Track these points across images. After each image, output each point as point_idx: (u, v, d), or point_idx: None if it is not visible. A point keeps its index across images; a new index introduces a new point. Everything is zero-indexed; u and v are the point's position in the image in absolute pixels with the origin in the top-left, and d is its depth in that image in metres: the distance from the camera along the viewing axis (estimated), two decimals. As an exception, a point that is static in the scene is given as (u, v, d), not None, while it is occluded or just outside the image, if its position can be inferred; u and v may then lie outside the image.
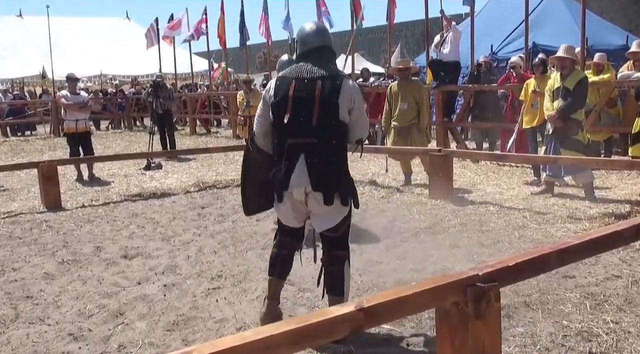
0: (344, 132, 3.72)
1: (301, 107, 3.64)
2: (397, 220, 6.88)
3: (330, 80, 3.65)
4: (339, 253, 3.91)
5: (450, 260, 5.36)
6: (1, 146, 17.59)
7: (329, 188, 3.68)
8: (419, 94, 8.85)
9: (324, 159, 3.66)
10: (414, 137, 8.78)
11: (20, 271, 5.50)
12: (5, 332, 4.15)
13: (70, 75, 11.23)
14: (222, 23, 20.80)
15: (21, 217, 7.80)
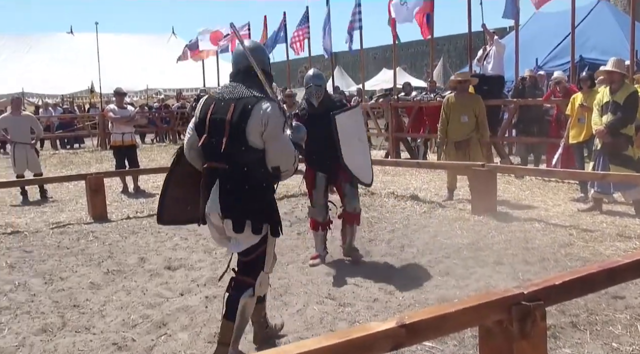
0: (258, 159, 3.49)
1: (215, 130, 3.50)
2: (439, 236, 6.81)
3: (243, 102, 3.46)
4: (244, 279, 3.68)
5: (494, 277, 5.27)
6: (51, 158, 18.10)
7: (238, 216, 3.52)
8: (478, 108, 8.70)
9: (235, 185, 3.51)
10: (471, 150, 8.67)
11: (68, 280, 5.64)
12: (53, 340, 4.25)
13: (117, 89, 11.53)
14: (265, 38, 21.06)
15: (69, 227, 8.00)
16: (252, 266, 3.67)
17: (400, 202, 8.86)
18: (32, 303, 5.05)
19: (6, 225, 8.16)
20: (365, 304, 4.77)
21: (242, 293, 3.62)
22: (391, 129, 14.56)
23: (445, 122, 8.87)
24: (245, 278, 3.67)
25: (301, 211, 8.11)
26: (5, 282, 5.64)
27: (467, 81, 9.07)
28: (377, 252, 6.20)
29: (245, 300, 3.62)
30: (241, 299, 3.61)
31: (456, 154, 8.74)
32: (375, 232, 7.08)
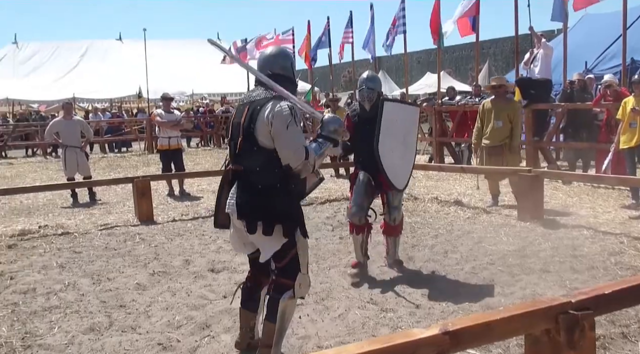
0: (270, 159, 3.49)
1: (234, 134, 3.63)
2: (483, 242, 6.71)
3: (255, 105, 3.52)
4: (283, 281, 3.66)
5: (541, 285, 5.16)
6: (100, 161, 18.53)
7: (250, 216, 3.53)
8: (513, 113, 8.58)
9: (249, 186, 3.54)
10: (505, 156, 8.54)
11: (115, 281, 5.76)
12: (100, 339, 4.35)
13: (165, 94, 11.76)
14: (308, 42, 21.17)
15: (116, 229, 8.18)
16: (288, 269, 3.64)
17: (443, 207, 8.77)
18: (81, 302, 5.17)
19: (57, 226, 8.38)
20: (408, 310, 4.74)
21: (282, 295, 3.62)
22: (435, 133, 14.45)
23: (481, 128, 8.78)
24: (284, 280, 3.64)
25: (343, 215, 8.10)
26: (56, 281, 5.79)
27: (502, 86, 8.92)
28: (420, 258, 6.14)
29: (285, 302, 3.61)
30: (281, 301, 3.60)
31: (489, 160, 8.63)
32: (418, 237, 7.02)
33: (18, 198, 10.83)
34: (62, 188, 10.70)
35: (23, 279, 5.90)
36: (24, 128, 24.45)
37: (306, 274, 3.74)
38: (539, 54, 12.06)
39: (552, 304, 2.52)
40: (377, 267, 5.87)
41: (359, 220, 5.62)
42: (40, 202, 10.70)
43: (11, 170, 17.01)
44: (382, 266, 5.93)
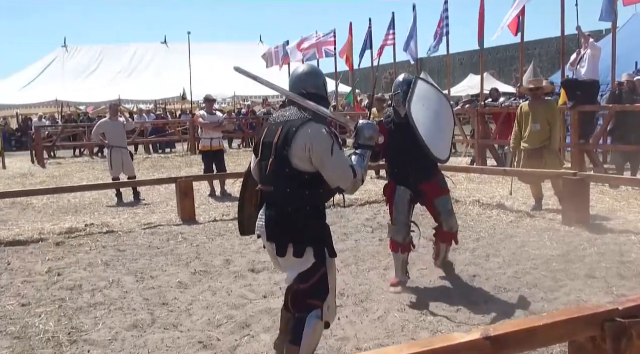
0: (302, 181, 3.38)
1: (264, 153, 3.50)
2: (526, 246, 6.59)
3: (289, 125, 3.38)
4: (311, 302, 3.46)
5: (586, 291, 5.04)
6: (144, 162, 18.87)
7: (280, 239, 3.43)
8: (551, 115, 8.42)
9: (278, 208, 3.44)
10: (545, 159, 8.38)
11: (157, 279, 5.86)
12: (143, 335, 4.42)
13: (207, 96, 11.91)
14: (350, 45, 21.16)
15: (159, 228, 8.31)
16: (315, 291, 3.46)
17: (485, 210, 8.64)
18: (125, 299, 5.28)
19: (102, 224, 8.57)
20: (448, 313, 4.69)
21: (308, 316, 3.44)
22: (477, 135, 14.26)
23: (518, 131, 8.62)
24: (312, 301, 3.46)
25: (383, 217, 8.06)
26: (101, 279, 5.92)
27: (539, 88, 8.74)
28: (461, 261, 6.07)
29: (313, 324, 3.43)
30: (308, 319, 3.42)
31: (528, 163, 8.46)
32: (459, 240, 6.88)
33: (66, 197, 11.12)
34: (107, 187, 10.95)
35: (70, 276, 6.05)
36: (72, 129, 25.10)
37: (334, 294, 3.59)
38: (586, 54, 11.80)
39: (597, 310, 2.46)
40: (417, 270, 5.82)
41: (403, 239, 5.32)
42: (87, 201, 10.96)
43: (59, 169, 17.48)
44: (422, 269, 5.88)
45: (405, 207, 5.32)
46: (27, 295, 5.46)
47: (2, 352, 4.20)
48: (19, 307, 5.15)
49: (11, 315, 4.94)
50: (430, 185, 5.27)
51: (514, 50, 30.68)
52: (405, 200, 5.31)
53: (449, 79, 18.57)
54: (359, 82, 26.37)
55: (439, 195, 5.35)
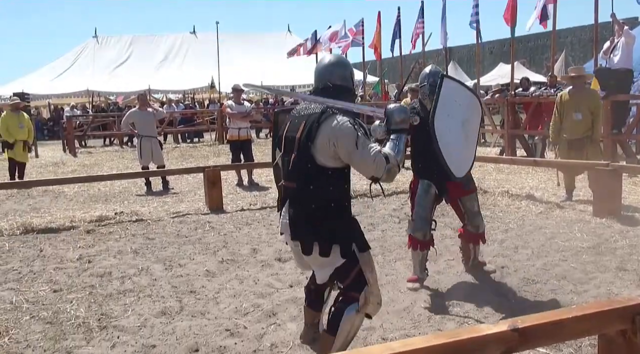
0: (326, 176, 3.30)
1: (287, 148, 3.42)
2: (556, 238, 6.50)
3: (312, 119, 3.28)
4: (350, 294, 3.44)
5: (617, 284, 4.97)
6: (173, 151, 19.05)
7: (305, 237, 3.36)
8: (594, 105, 8.21)
9: (302, 205, 3.35)
10: (587, 150, 8.17)
11: (185, 267, 5.92)
12: (171, 322, 4.48)
13: (235, 86, 11.93)
14: (378, 34, 21.04)
15: (188, 217, 8.39)
16: (355, 284, 3.41)
17: (514, 201, 8.55)
18: (154, 287, 5.35)
19: (132, 213, 8.69)
20: (475, 305, 4.65)
21: (345, 306, 3.43)
22: (507, 125, 14.09)
23: (558, 121, 8.43)
24: (351, 292, 3.43)
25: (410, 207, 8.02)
26: (130, 266, 6.01)
27: (581, 77, 8.55)
28: (489, 253, 6.01)
29: (349, 316, 3.40)
30: (346, 312, 3.40)
31: (569, 154, 8.29)
32: (488, 232, 6.82)
33: (96, 185, 11.29)
34: (137, 177, 11.08)
35: (100, 263, 6.15)
36: (102, 119, 25.47)
37: (375, 286, 3.47)
38: (619, 42, 11.54)
39: (628, 304, 2.42)
40: (444, 261, 5.79)
41: (423, 235, 5.11)
42: (117, 189, 11.12)
43: (90, 159, 17.75)
44: (449, 260, 5.84)
45: (428, 203, 5.12)
46: (59, 281, 5.58)
47: (36, 336, 4.29)
48: (51, 293, 5.26)
49: (44, 301, 5.05)
50: (455, 184, 4.94)
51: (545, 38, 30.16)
52: (430, 195, 5.12)
53: (479, 68, 18.31)
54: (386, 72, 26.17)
55: (464, 194, 5.16)
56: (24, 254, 6.64)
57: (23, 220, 8.31)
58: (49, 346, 4.12)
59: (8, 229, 7.83)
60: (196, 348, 4.00)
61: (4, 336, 4.29)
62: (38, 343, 4.17)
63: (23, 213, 9.05)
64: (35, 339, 4.25)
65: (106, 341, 4.19)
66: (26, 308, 4.87)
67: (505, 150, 13.97)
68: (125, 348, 4.06)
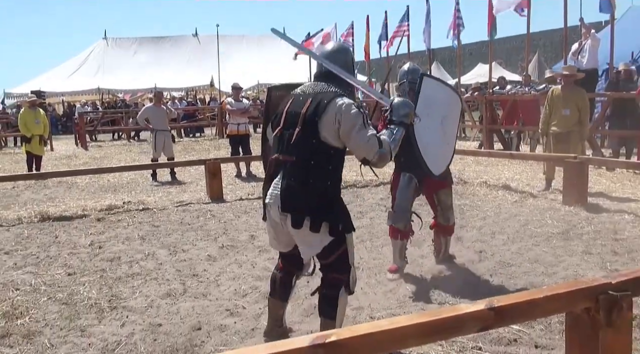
0: (327, 154, 3.17)
1: (290, 123, 3.25)
2: (529, 224, 6.55)
3: (320, 97, 3.18)
4: (334, 276, 3.32)
5: (583, 267, 5.01)
6: (176, 145, 18.94)
7: (297, 210, 3.17)
8: (582, 102, 8.26)
9: (299, 179, 3.17)
10: (573, 143, 8.24)
11: (188, 253, 5.93)
12: (176, 303, 4.49)
13: (235, 84, 11.92)
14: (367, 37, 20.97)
15: (190, 206, 8.38)
16: (338, 265, 3.31)
17: (492, 191, 8.59)
18: (159, 270, 5.36)
19: (139, 202, 8.66)
20: (456, 286, 4.68)
21: (339, 291, 3.31)
22: (485, 121, 14.14)
23: (548, 114, 8.46)
24: (337, 275, 3.32)
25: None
26: (137, 251, 6.01)
27: (572, 75, 8.58)
28: (468, 238, 6.05)
29: (342, 298, 3.33)
30: (339, 297, 3.30)
31: (556, 146, 8.33)
32: (467, 219, 6.91)
33: (106, 177, 11.25)
34: (143, 169, 11.07)
35: (110, 249, 6.15)
36: (111, 115, 25.33)
37: (354, 267, 3.41)
38: (586, 44, 11.61)
39: (592, 284, 2.46)
40: (427, 246, 5.82)
41: (404, 226, 4.91)
42: (125, 180, 11.08)
43: (100, 152, 17.66)
44: (431, 245, 5.86)
45: (409, 195, 4.92)
46: (72, 265, 5.58)
47: (53, 316, 4.30)
48: (66, 276, 5.26)
49: (59, 283, 5.05)
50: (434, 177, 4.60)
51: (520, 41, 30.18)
52: (410, 187, 4.93)
53: (460, 68, 18.37)
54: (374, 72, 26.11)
55: (440, 188, 5.04)
56: (41, 240, 6.63)
57: (40, 209, 8.29)
58: (64, 325, 4.13)
59: (27, 217, 7.82)
60: (199, 327, 4.02)
61: (25, 315, 4.30)
62: (55, 322, 4.18)
63: (40, 202, 9.01)
64: (52, 318, 4.26)
65: (116, 320, 4.20)
66: (44, 290, 4.87)
67: (484, 144, 14.02)
68: (133, 327, 4.07)
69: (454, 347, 3.52)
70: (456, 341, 3.54)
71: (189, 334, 3.91)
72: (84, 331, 4.03)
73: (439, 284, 4.75)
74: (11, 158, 16.44)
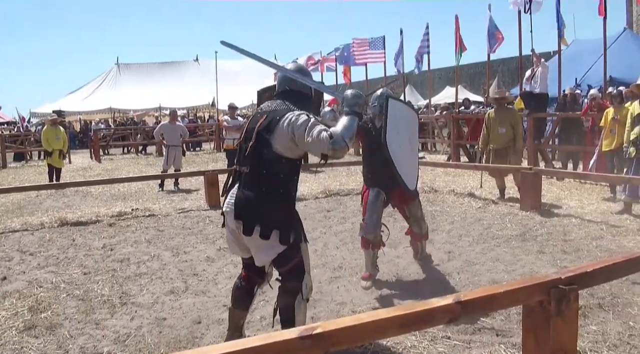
0: (279, 165, 3.01)
1: (247, 137, 3.12)
2: (491, 227, 6.60)
3: (273, 114, 3.03)
4: (291, 284, 3.10)
5: (537, 264, 5.06)
6: (179, 158, 18.83)
7: (248, 218, 3.00)
8: (514, 120, 8.40)
9: (252, 188, 3.02)
10: (510, 157, 8.36)
11: (189, 254, 5.89)
12: (178, 300, 4.47)
13: (231, 104, 11.93)
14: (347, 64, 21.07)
15: (191, 213, 8.32)
16: (293, 273, 3.09)
17: (459, 198, 8.65)
18: (164, 270, 5.32)
19: (145, 209, 8.60)
20: (428, 282, 4.72)
21: (294, 300, 3.07)
22: (453, 137, 14.26)
23: (487, 134, 8.58)
24: (292, 283, 3.10)
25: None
26: (144, 253, 5.96)
27: (503, 98, 8.73)
28: (438, 241, 6.08)
29: (299, 306, 3.08)
30: (295, 306, 3.07)
31: (495, 161, 8.46)
32: (437, 223, 6.94)
33: (116, 186, 11.15)
34: (150, 179, 10.99)
35: (120, 251, 6.09)
36: (121, 131, 25.15)
37: (309, 274, 3.18)
38: (538, 71, 11.80)
39: (545, 280, 2.49)
40: (402, 247, 5.83)
41: (374, 237, 4.73)
42: (133, 190, 10.99)
43: (111, 164, 17.50)
44: (406, 246, 5.86)
45: (378, 208, 4.74)
46: (87, 266, 5.52)
47: (71, 311, 4.26)
48: (82, 275, 5.21)
49: (76, 282, 5.00)
50: (400, 191, 4.55)
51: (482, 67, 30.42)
52: (379, 201, 4.74)
53: (430, 90, 18.54)
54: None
55: (408, 202, 4.87)
56: (61, 243, 6.56)
57: (59, 215, 8.20)
58: (81, 319, 4.09)
59: (48, 222, 7.74)
60: (199, 320, 4.00)
61: (47, 309, 4.28)
62: (73, 316, 4.15)
63: (59, 209, 8.91)
64: (71, 312, 4.22)
65: (126, 315, 4.16)
66: (63, 287, 4.83)
67: (452, 157, 14.12)
68: (141, 321, 4.04)
69: (426, 337, 3.53)
70: (428, 332, 3.55)
71: (191, 327, 3.89)
72: (98, 324, 3.99)
73: (413, 281, 4.77)
74: (35, 170, 16.27)
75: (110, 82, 32.95)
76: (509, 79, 30.16)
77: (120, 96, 30.31)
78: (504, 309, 3.62)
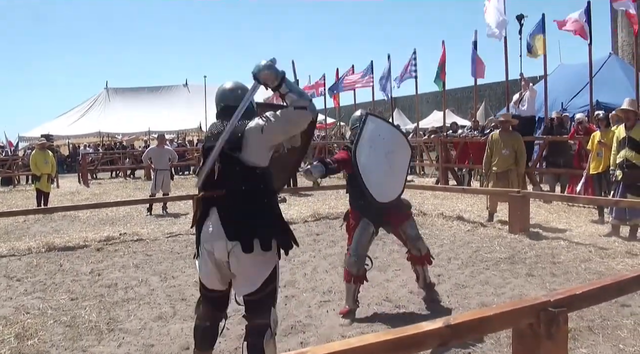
0: (254, 177, 2.91)
1: (209, 160, 2.93)
2: (480, 250, 6.63)
3: (230, 132, 2.88)
4: (259, 322, 2.95)
5: (526, 287, 5.09)
6: (168, 181, 18.76)
7: (245, 235, 2.86)
8: (517, 144, 8.55)
9: (235, 209, 2.89)
10: (511, 180, 8.46)
11: (178, 279, 5.83)
12: (166, 325, 4.41)
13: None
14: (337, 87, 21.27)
15: (179, 237, 8.26)
16: (262, 305, 2.96)
17: (447, 221, 8.69)
18: (151, 295, 5.26)
19: (133, 234, 8.53)
20: (417, 307, 4.70)
21: (263, 338, 2.92)
22: (441, 160, 14.37)
23: (490, 156, 8.69)
24: (259, 321, 2.96)
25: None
26: (132, 278, 5.90)
27: (508, 121, 8.87)
28: (426, 263, 6.07)
29: (269, 342, 2.94)
30: (264, 344, 2.91)
31: (497, 183, 8.53)
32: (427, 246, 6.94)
33: (104, 211, 11.06)
34: (138, 203, 10.95)
35: (107, 276, 6.02)
36: (110, 155, 25.07)
37: (275, 308, 3.06)
38: (525, 95, 12.00)
39: (535, 302, 2.50)
40: (392, 270, 5.83)
41: (357, 270, 4.54)
42: (121, 214, 10.91)
43: (100, 188, 17.38)
44: (396, 270, 5.88)
45: (365, 241, 4.56)
46: (75, 291, 5.45)
47: (58, 338, 4.19)
48: (69, 301, 5.13)
49: (64, 307, 4.93)
50: (394, 212, 4.56)
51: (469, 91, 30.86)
52: (367, 233, 4.56)
53: (418, 114, 18.75)
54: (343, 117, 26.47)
55: (403, 221, 4.67)
56: (48, 268, 6.48)
57: (47, 240, 8.10)
58: (68, 346, 4.02)
59: (35, 247, 7.65)
60: (187, 346, 3.93)
61: (34, 337, 4.20)
62: (60, 343, 4.08)
63: (47, 234, 8.81)
64: (58, 339, 4.15)
65: (114, 341, 4.10)
66: (50, 314, 4.75)
67: (440, 180, 14.21)
68: (129, 347, 3.98)
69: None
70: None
71: (179, 354, 3.83)
72: (85, 351, 3.92)
73: (403, 304, 4.76)
74: (23, 195, 16.14)
75: (100, 107, 32.90)
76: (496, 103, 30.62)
77: (110, 120, 30.25)
78: (494, 332, 3.62)
